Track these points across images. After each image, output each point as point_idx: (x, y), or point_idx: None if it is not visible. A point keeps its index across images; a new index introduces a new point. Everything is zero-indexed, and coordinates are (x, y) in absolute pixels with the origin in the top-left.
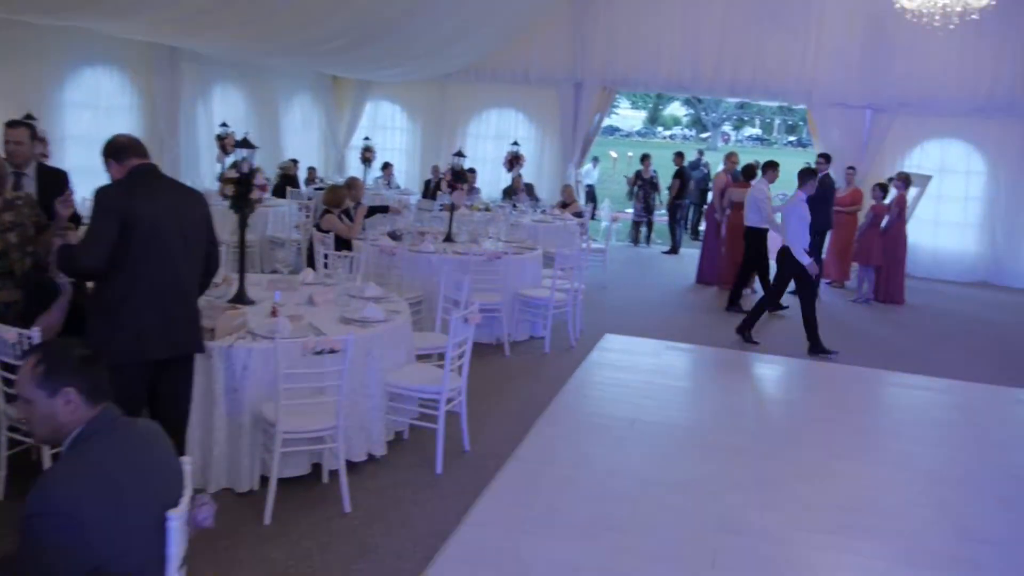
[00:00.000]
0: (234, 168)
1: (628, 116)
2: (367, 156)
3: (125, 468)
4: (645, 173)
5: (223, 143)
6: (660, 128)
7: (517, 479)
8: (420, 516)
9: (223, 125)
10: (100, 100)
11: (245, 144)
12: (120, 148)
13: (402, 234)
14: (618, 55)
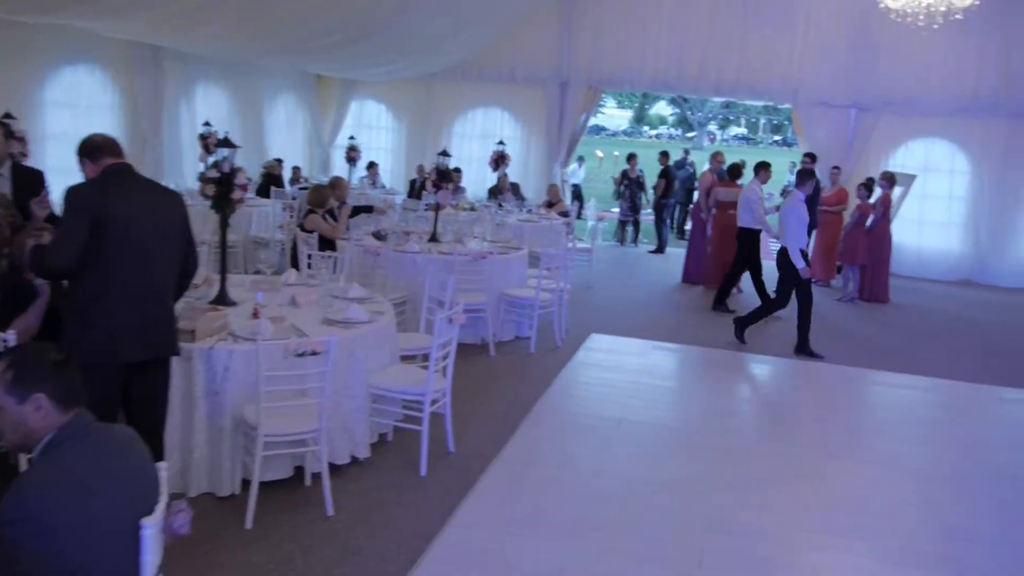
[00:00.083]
0: (215, 168)
1: (614, 115)
2: (352, 155)
3: (99, 474)
4: (631, 173)
5: (206, 142)
6: (646, 127)
7: (502, 480)
8: (404, 518)
9: (206, 124)
10: (81, 99)
11: (226, 143)
12: (94, 147)
13: (387, 234)
14: (604, 54)
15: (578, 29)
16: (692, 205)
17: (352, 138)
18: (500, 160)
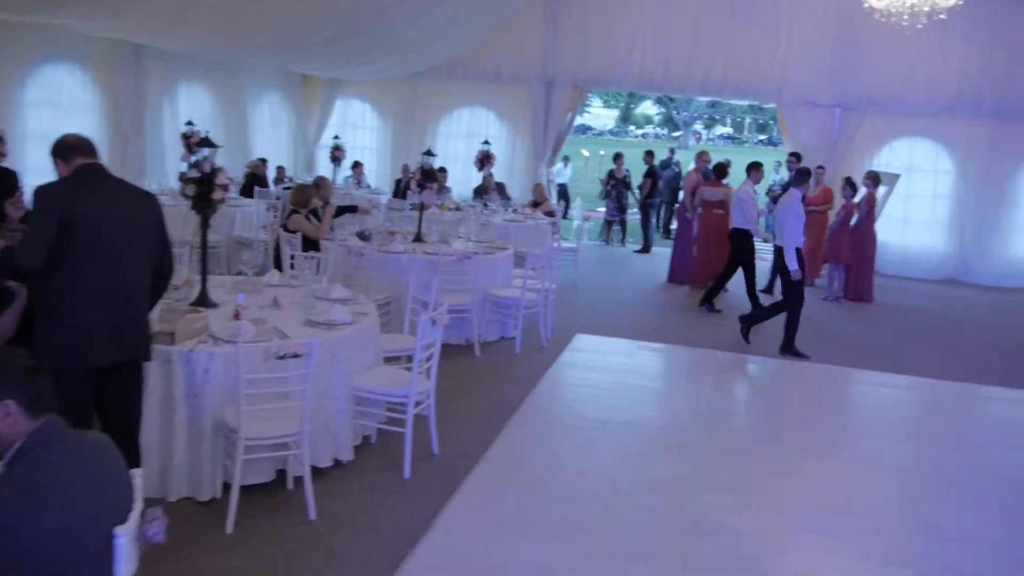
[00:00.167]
0: (195, 168)
1: (600, 115)
2: (337, 155)
3: (70, 481)
4: (618, 172)
5: (189, 142)
6: (632, 127)
7: (487, 481)
8: (388, 521)
9: (189, 124)
10: (61, 98)
11: (207, 143)
12: (67, 147)
13: (371, 234)
14: (589, 54)
15: (563, 28)
16: (678, 205)
17: (337, 137)
18: (485, 160)
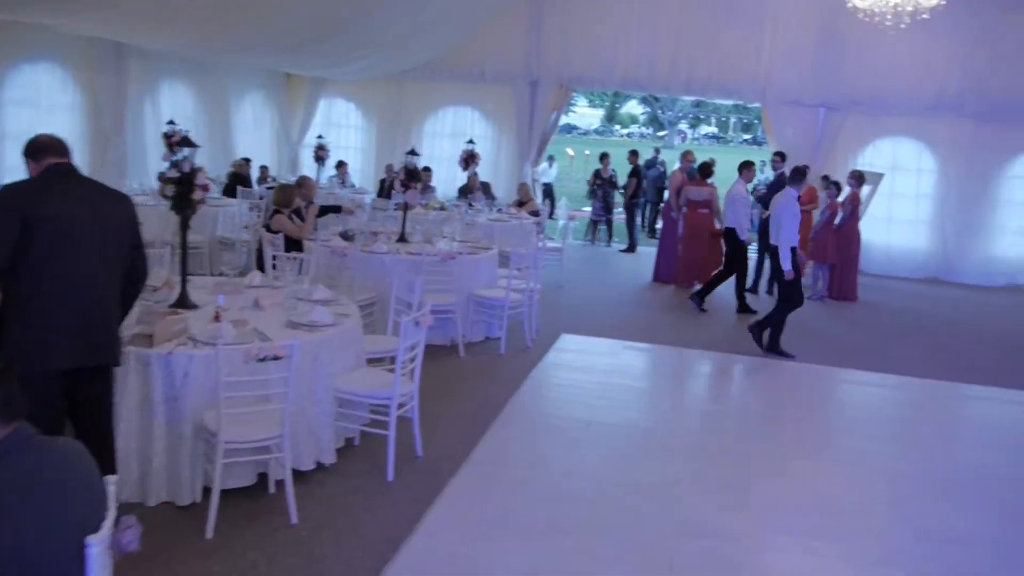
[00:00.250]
0: (175, 168)
1: (585, 114)
2: (321, 155)
3: (40, 491)
4: (604, 172)
5: (170, 141)
6: (617, 126)
7: (471, 483)
8: (370, 524)
9: (170, 123)
10: (41, 98)
11: (186, 143)
12: (39, 147)
13: (354, 234)
14: (574, 53)
15: (548, 28)
16: (663, 204)
17: (320, 137)
18: (470, 159)
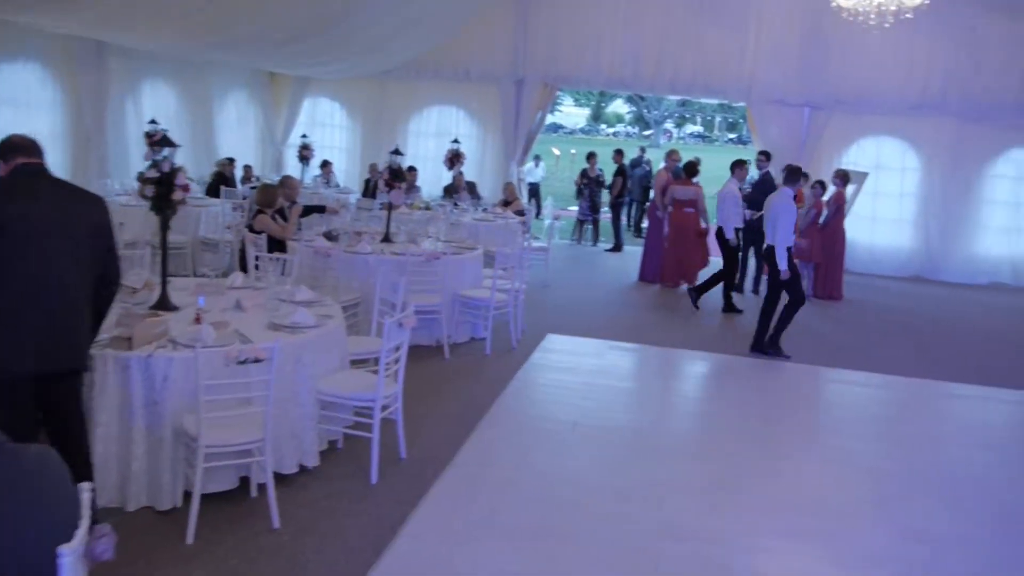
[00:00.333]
0: (154, 167)
1: (571, 113)
2: (305, 154)
3: (11, 498)
4: (591, 172)
5: (152, 141)
6: (603, 125)
7: (455, 486)
8: (354, 528)
9: (152, 122)
10: (20, 96)
11: (166, 142)
12: (9, 147)
13: (338, 234)
14: (559, 52)
15: (533, 27)
16: (649, 203)
17: (305, 136)
18: (455, 159)
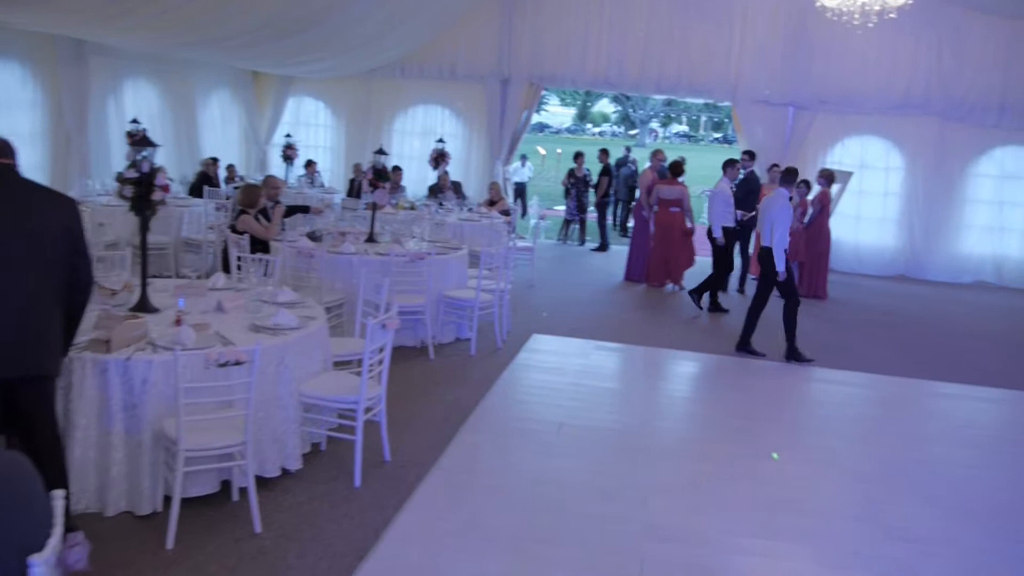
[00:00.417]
0: (133, 167)
1: (557, 113)
2: (289, 154)
3: None
4: (578, 171)
5: (133, 140)
6: (589, 125)
7: (439, 490)
8: (336, 533)
9: (134, 121)
10: (0, 96)
11: (145, 142)
12: None
13: (322, 235)
14: (545, 51)
15: (519, 26)
16: (634, 203)
17: (289, 136)
18: (440, 158)
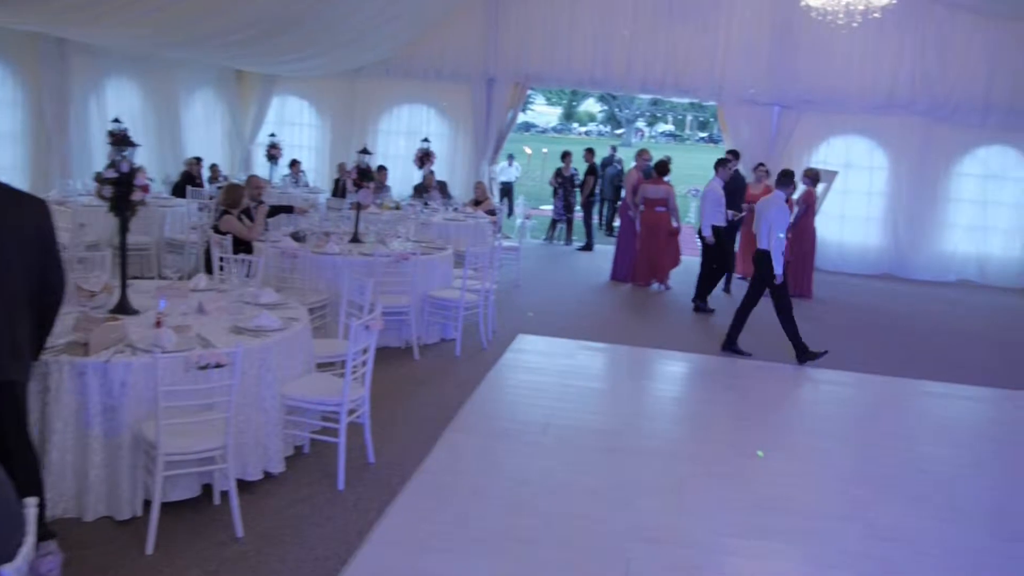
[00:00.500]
0: (112, 167)
1: (543, 112)
2: (273, 153)
3: None
4: (565, 171)
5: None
6: (576, 124)
7: (424, 491)
8: (319, 537)
9: (115, 121)
10: None
11: (124, 141)
12: None
13: (305, 235)
14: (530, 50)
15: (504, 25)
16: (620, 202)
17: (273, 135)
18: (425, 158)
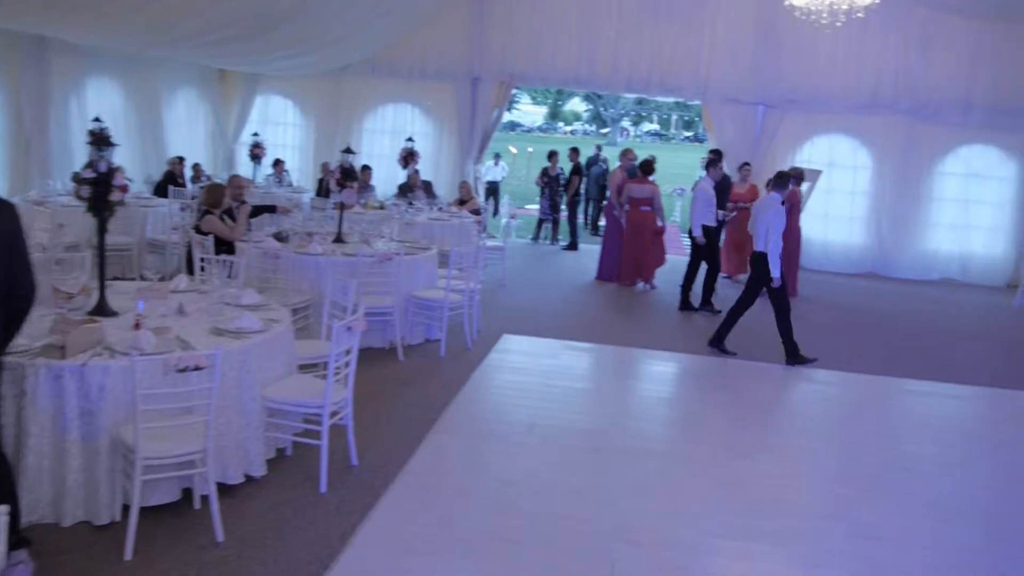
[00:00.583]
0: (90, 167)
1: (529, 111)
2: (257, 153)
3: None
4: (552, 170)
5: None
6: (561, 123)
7: (407, 494)
8: (301, 541)
9: (96, 121)
10: None
11: (103, 141)
12: None
13: (288, 235)
14: (515, 50)
15: (489, 24)
16: (605, 202)
17: (256, 135)
18: (409, 157)
